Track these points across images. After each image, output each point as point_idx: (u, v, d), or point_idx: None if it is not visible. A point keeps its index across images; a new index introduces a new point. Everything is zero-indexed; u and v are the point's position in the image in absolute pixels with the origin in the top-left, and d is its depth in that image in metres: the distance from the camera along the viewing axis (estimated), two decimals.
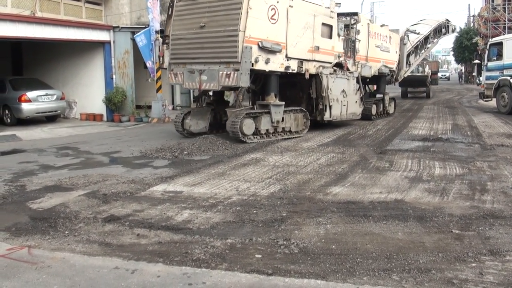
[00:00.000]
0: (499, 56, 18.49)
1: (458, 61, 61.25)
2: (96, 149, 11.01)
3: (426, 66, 29.77)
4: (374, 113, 16.73)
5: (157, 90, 17.39)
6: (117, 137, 13.24)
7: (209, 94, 13.43)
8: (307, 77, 12.60)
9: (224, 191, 6.71)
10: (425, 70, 29.14)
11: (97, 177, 7.69)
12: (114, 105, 17.45)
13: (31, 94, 15.76)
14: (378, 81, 18.28)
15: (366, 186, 6.92)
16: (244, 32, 10.42)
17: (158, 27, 16.60)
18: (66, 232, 5.05)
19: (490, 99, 19.33)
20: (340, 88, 13.67)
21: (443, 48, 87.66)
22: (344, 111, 13.93)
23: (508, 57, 17.87)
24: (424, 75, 28.77)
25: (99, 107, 18.00)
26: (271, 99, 11.60)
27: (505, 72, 17.92)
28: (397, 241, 4.67)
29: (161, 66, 12.77)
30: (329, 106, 13.18)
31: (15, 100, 15.64)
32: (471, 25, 54.13)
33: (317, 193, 6.56)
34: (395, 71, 19.13)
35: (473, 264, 4.10)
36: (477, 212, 5.58)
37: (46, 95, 16.29)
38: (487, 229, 5.00)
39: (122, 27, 17.94)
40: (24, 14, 15.11)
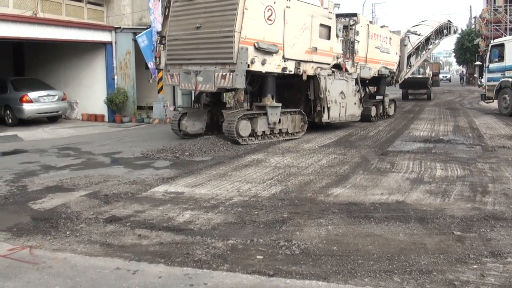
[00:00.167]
0: (501, 57, 18.46)
1: (459, 62, 61.20)
2: (98, 149, 11.02)
3: (427, 68, 29.59)
4: (373, 115, 16.63)
5: (159, 91, 17.41)
6: (118, 138, 13.26)
7: (204, 96, 13.32)
8: (304, 78, 12.53)
9: (226, 192, 6.72)
10: (426, 72, 28.95)
11: (99, 178, 7.70)
12: (116, 105, 17.46)
13: (32, 95, 15.78)
14: (378, 83, 18.20)
15: (367, 188, 6.92)
16: (240, 33, 10.35)
17: (159, 28, 16.60)
18: (67, 233, 5.06)
19: (491, 100, 19.31)
20: (338, 89, 13.59)
21: (445, 50, 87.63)
22: (343, 112, 13.87)
23: (510, 58, 17.84)
24: (425, 76, 28.57)
25: (100, 108, 18.01)
26: (268, 100, 11.53)
27: (507, 73, 17.90)
28: (399, 243, 4.67)
29: (157, 67, 12.68)
30: (327, 108, 13.11)
31: (16, 101, 15.65)
32: (473, 26, 54.10)
33: (318, 194, 6.56)
34: (396, 72, 19.06)
35: (475, 266, 4.10)
36: (478, 213, 5.58)
37: (48, 95, 16.30)
38: (488, 230, 4.99)
39: (123, 28, 17.96)
40: (26, 14, 15.13)
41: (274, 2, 11.13)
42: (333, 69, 13.58)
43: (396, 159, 9.13)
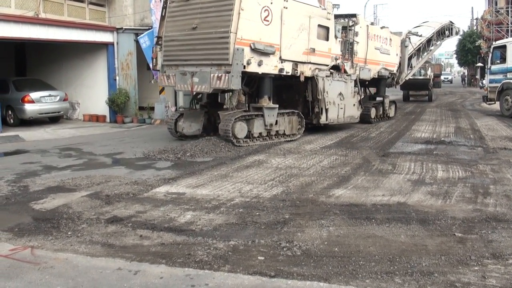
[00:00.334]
0: (503, 59, 18.42)
1: (461, 64, 61.08)
2: (99, 150, 11.03)
3: (428, 69, 29.32)
4: (373, 116, 16.50)
5: (160, 92, 17.42)
6: (120, 139, 13.27)
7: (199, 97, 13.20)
8: (302, 79, 12.41)
9: (227, 193, 6.72)
10: (427, 73, 28.67)
11: (100, 178, 7.70)
12: (117, 106, 17.47)
13: (34, 95, 15.80)
14: (378, 84, 18.01)
15: (369, 189, 6.92)
16: (235, 33, 10.24)
17: None
18: (69, 233, 5.06)
19: (493, 102, 19.28)
20: (337, 91, 13.49)
21: (446, 51, 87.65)
22: (341, 114, 13.76)
23: None
24: (427, 78, 28.28)
25: (102, 108, 18.03)
26: (265, 102, 11.45)
27: (509, 75, 17.87)
28: (400, 244, 4.67)
29: (154, 68, 12.62)
30: (325, 109, 13.01)
31: (18, 101, 15.67)
32: (474, 28, 54.06)
33: (319, 195, 6.57)
34: (396, 74, 18.90)
35: (476, 268, 4.10)
36: (479, 215, 5.57)
37: (49, 96, 16.32)
38: (489, 232, 4.99)
39: (125, 29, 17.98)
40: (28, 15, 15.16)
41: (271, 3, 11.03)
42: (331, 70, 13.47)
43: (398, 161, 9.13)
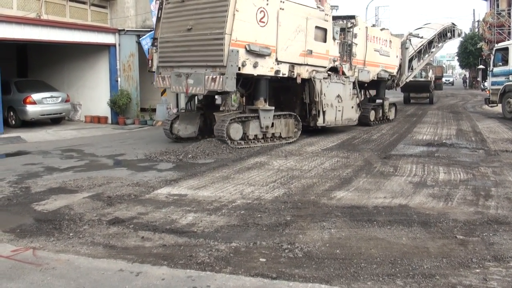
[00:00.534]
0: (505, 61, 18.41)
1: (462, 66, 61.13)
2: (101, 151, 11.04)
3: (429, 71, 28.90)
4: (372, 119, 16.35)
5: (162, 93, 17.45)
6: (121, 140, 13.28)
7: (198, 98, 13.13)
8: (298, 81, 12.29)
9: (229, 194, 6.73)
10: (428, 75, 28.24)
11: (102, 180, 7.71)
12: (119, 107, 17.49)
13: (36, 96, 15.81)
14: (378, 86, 17.84)
15: (370, 191, 6.92)
16: (230, 35, 10.17)
17: None
18: (70, 234, 5.07)
19: (495, 104, 19.24)
20: (335, 93, 13.39)
21: (448, 53, 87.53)
22: (339, 116, 13.65)
23: None
24: (428, 80, 27.84)
25: (104, 110, 18.05)
26: (260, 103, 11.39)
27: (511, 77, 17.87)
28: (401, 246, 4.67)
29: (149, 70, 12.58)
30: (323, 112, 12.91)
31: (20, 102, 15.68)
32: (476, 30, 54.08)
33: (321, 197, 6.57)
34: (396, 76, 18.72)
35: (477, 270, 4.10)
36: (481, 217, 5.57)
37: (51, 97, 16.34)
38: (491, 235, 4.99)
39: (127, 30, 18.00)
40: (30, 16, 15.18)
41: (267, 4, 10.94)
42: (329, 72, 13.36)
43: (399, 163, 9.13)
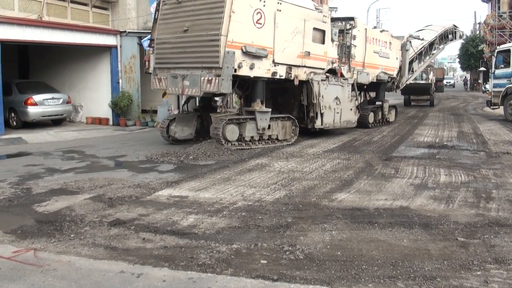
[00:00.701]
0: (507, 63, 18.37)
1: (463, 68, 61.16)
2: (102, 153, 11.05)
3: (430, 73, 28.59)
4: (371, 121, 16.19)
5: (163, 95, 17.43)
6: (122, 141, 13.29)
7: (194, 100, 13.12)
8: (296, 83, 12.21)
9: (230, 196, 6.73)
10: (429, 77, 27.86)
11: (103, 181, 7.72)
12: (120, 109, 17.51)
13: (37, 98, 15.84)
14: (377, 88, 17.70)
15: (371, 193, 6.92)
16: (226, 36, 10.11)
17: None
18: (71, 236, 5.07)
19: (497, 106, 19.18)
20: (333, 95, 13.29)
21: (449, 55, 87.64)
22: (338, 118, 13.54)
23: None
24: (428, 82, 27.39)
25: (105, 111, 18.06)
26: (257, 105, 11.32)
27: None
28: (403, 248, 4.66)
29: (146, 71, 12.55)
30: (321, 114, 12.79)
31: (21, 103, 15.71)
32: (477, 32, 54.08)
33: (322, 199, 6.57)
34: (396, 78, 18.59)
35: (478, 272, 4.10)
36: (482, 220, 5.57)
37: (53, 98, 16.37)
38: (492, 237, 4.99)
39: (129, 32, 18.02)
40: (31, 18, 15.20)
41: (264, 5, 10.87)
42: (327, 74, 13.26)
43: (400, 165, 9.13)
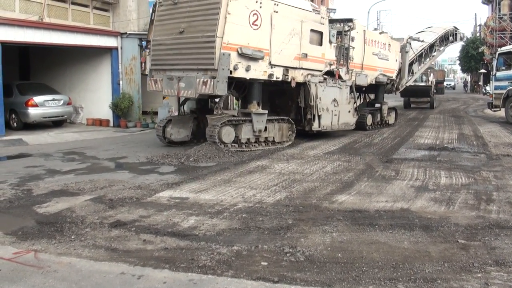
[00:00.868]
0: (508, 65, 18.35)
1: (464, 70, 61.16)
2: (102, 154, 11.05)
3: (430, 75, 28.43)
4: (369, 123, 16.12)
5: (164, 96, 17.44)
6: (123, 143, 13.29)
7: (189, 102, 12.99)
8: (293, 85, 12.15)
9: (230, 198, 6.73)
10: (429, 79, 27.67)
11: (103, 183, 7.72)
12: (121, 110, 17.50)
13: (38, 99, 15.84)
14: (376, 90, 17.61)
15: (372, 195, 6.92)
16: (221, 38, 10.06)
17: None
18: (72, 237, 5.07)
19: (498, 109, 19.14)
20: (331, 97, 13.24)
21: (449, 57, 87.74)
22: (335, 121, 13.50)
23: None
24: (428, 85, 27.17)
25: (105, 113, 18.06)
26: (253, 107, 11.28)
27: None
28: (403, 250, 4.67)
29: (143, 72, 12.51)
30: (318, 116, 12.75)
31: (22, 105, 15.71)
32: (478, 34, 54.11)
33: (323, 201, 6.57)
34: (396, 80, 18.51)
35: (479, 275, 4.10)
36: (482, 222, 5.57)
37: (53, 100, 16.37)
38: (492, 239, 4.99)
39: (129, 34, 18.02)
40: (32, 19, 15.22)
41: (260, 7, 10.80)
42: (325, 76, 13.19)
43: (401, 167, 9.13)
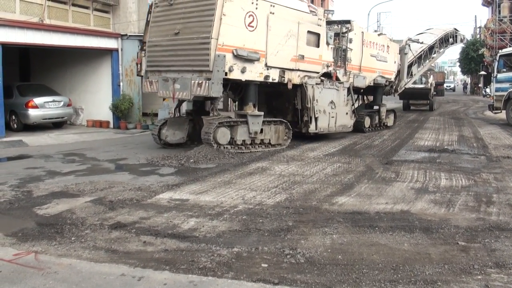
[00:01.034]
0: (509, 67, 18.32)
1: (464, 72, 61.20)
2: (103, 156, 11.05)
3: (430, 77, 27.88)
4: (367, 125, 15.99)
5: (164, 98, 17.44)
6: (123, 144, 13.28)
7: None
8: (289, 87, 12.06)
9: (230, 199, 6.73)
10: (428, 81, 27.07)
11: (104, 184, 7.72)
12: (121, 112, 17.50)
13: (38, 100, 15.83)
14: (375, 92, 17.51)
15: (372, 197, 6.92)
16: (217, 39, 10.00)
17: None
18: (72, 239, 5.07)
19: (499, 111, 19.11)
20: (328, 99, 13.15)
21: (449, 59, 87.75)
22: (333, 123, 13.41)
23: None
24: (427, 87, 26.66)
25: (105, 114, 18.05)
26: (249, 109, 11.24)
27: None
28: (403, 252, 4.67)
29: (138, 74, 12.50)
30: (315, 118, 12.67)
31: (22, 106, 15.71)
32: (478, 36, 54.15)
33: (323, 203, 6.57)
34: (395, 82, 18.36)
35: (479, 277, 4.10)
36: (483, 224, 5.58)
37: (53, 101, 16.36)
38: (492, 241, 4.99)
39: (130, 35, 18.02)
40: (33, 21, 15.25)
41: (256, 8, 10.74)
42: (322, 77, 13.12)
43: (401, 169, 9.13)
